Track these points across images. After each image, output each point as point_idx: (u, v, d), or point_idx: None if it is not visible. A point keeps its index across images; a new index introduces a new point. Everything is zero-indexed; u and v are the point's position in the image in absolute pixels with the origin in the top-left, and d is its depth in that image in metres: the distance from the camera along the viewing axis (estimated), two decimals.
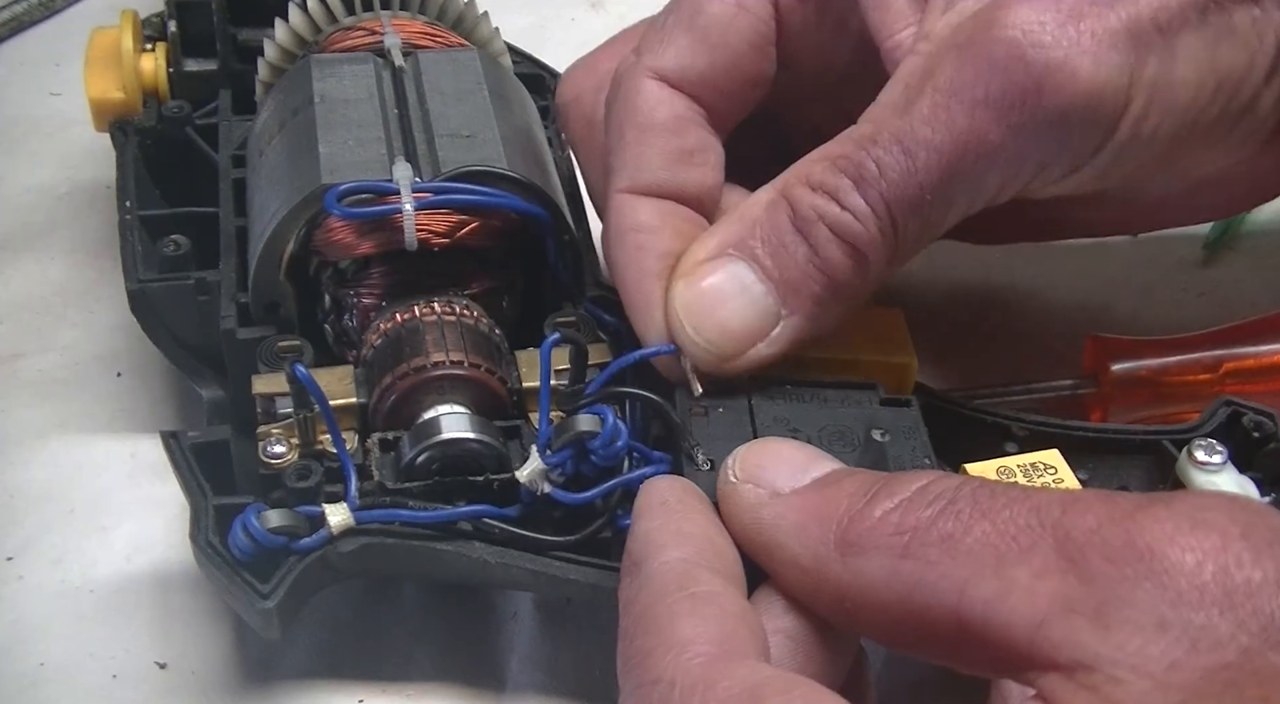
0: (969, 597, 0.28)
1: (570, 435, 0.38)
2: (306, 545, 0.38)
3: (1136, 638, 0.25)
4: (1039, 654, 0.27)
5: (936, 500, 0.30)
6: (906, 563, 0.29)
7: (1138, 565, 0.26)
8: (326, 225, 0.44)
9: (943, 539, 0.29)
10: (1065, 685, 0.26)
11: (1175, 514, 0.27)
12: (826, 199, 0.36)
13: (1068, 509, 0.28)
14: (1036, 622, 0.27)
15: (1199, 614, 0.25)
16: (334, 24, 0.53)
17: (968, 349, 0.55)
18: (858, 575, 0.30)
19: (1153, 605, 0.25)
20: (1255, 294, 0.58)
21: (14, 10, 0.74)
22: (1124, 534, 0.27)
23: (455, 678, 0.43)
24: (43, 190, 0.64)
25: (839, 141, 0.37)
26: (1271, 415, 0.43)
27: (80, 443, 0.51)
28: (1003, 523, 0.28)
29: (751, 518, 0.34)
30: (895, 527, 0.30)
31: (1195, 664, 0.25)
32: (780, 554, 0.33)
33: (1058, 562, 0.27)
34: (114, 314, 0.56)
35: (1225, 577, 0.25)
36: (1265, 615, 0.25)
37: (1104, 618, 0.26)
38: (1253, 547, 0.26)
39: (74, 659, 0.43)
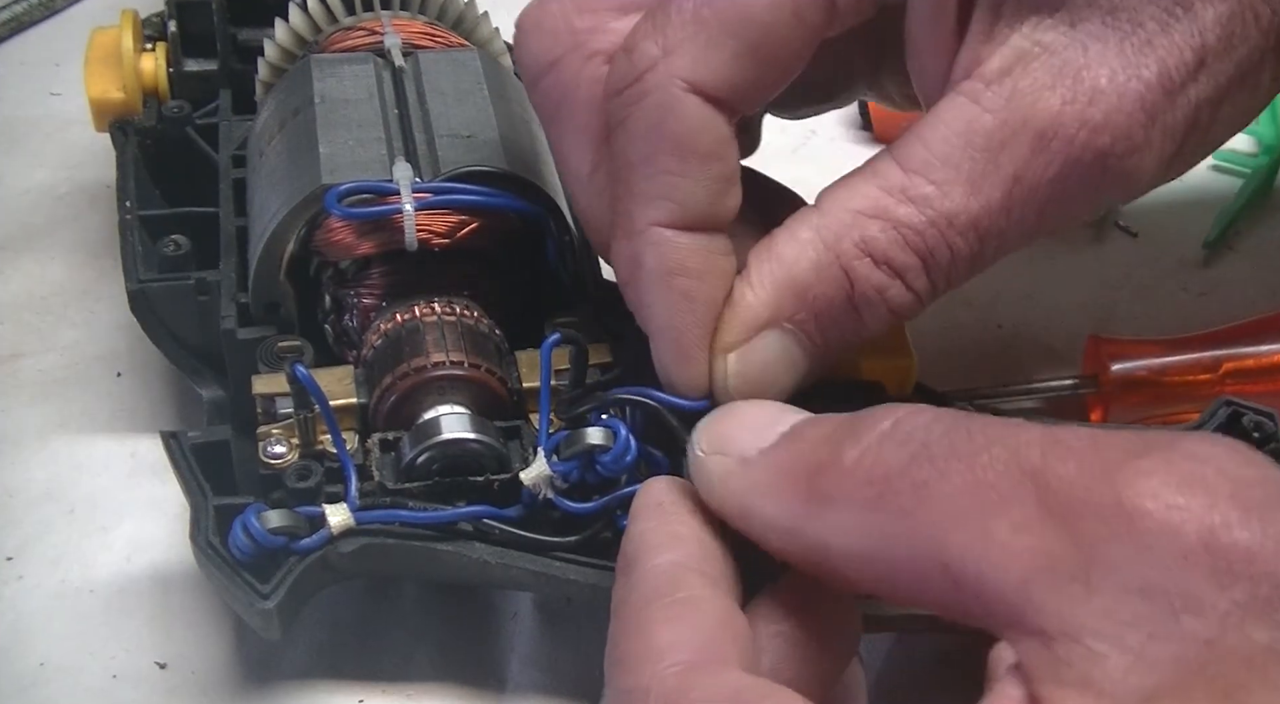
0: (946, 550, 0.27)
1: (582, 448, 0.38)
2: (306, 546, 0.38)
3: (1119, 604, 0.25)
4: (1019, 614, 0.26)
5: (907, 442, 0.29)
6: (879, 515, 0.28)
7: (1122, 525, 0.25)
8: (327, 225, 0.44)
9: (916, 487, 0.28)
10: (1043, 656, 0.25)
11: (1164, 466, 0.26)
12: (892, 279, 0.35)
13: (1048, 454, 0.27)
14: (1021, 580, 0.26)
15: (1182, 580, 0.24)
16: (334, 24, 0.53)
17: (968, 349, 0.55)
18: (834, 529, 0.30)
19: (1137, 569, 0.25)
20: (1255, 294, 0.58)
21: (14, 10, 0.74)
22: (1109, 490, 0.26)
23: (455, 678, 0.43)
24: (43, 190, 0.64)
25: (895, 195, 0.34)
26: (1271, 415, 0.43)
27: (80, 443, 0.51)
28: (980, 468, 0.27)
29: (723, 490, 0.33)
30: (865, 475, 0.29)
31: (1175, 634, 0.24)
32: (757, 520, 0.32)
33: (1038, 515, 0.26)
34: (114, 314, 0.56)
35: (1211, 540, 0.24)
36: (1249, 581, 0.24)
37: (1084, 580, 0.25)
38: (1241, 505, 0.25)
39: (74, 659, 0.43)
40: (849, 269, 0.35)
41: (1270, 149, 0.65)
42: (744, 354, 0.36)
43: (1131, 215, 0.63)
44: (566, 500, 0.39)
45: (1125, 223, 0.62)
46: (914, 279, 0.35)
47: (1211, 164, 0.66)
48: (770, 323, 0.36)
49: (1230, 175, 0.65)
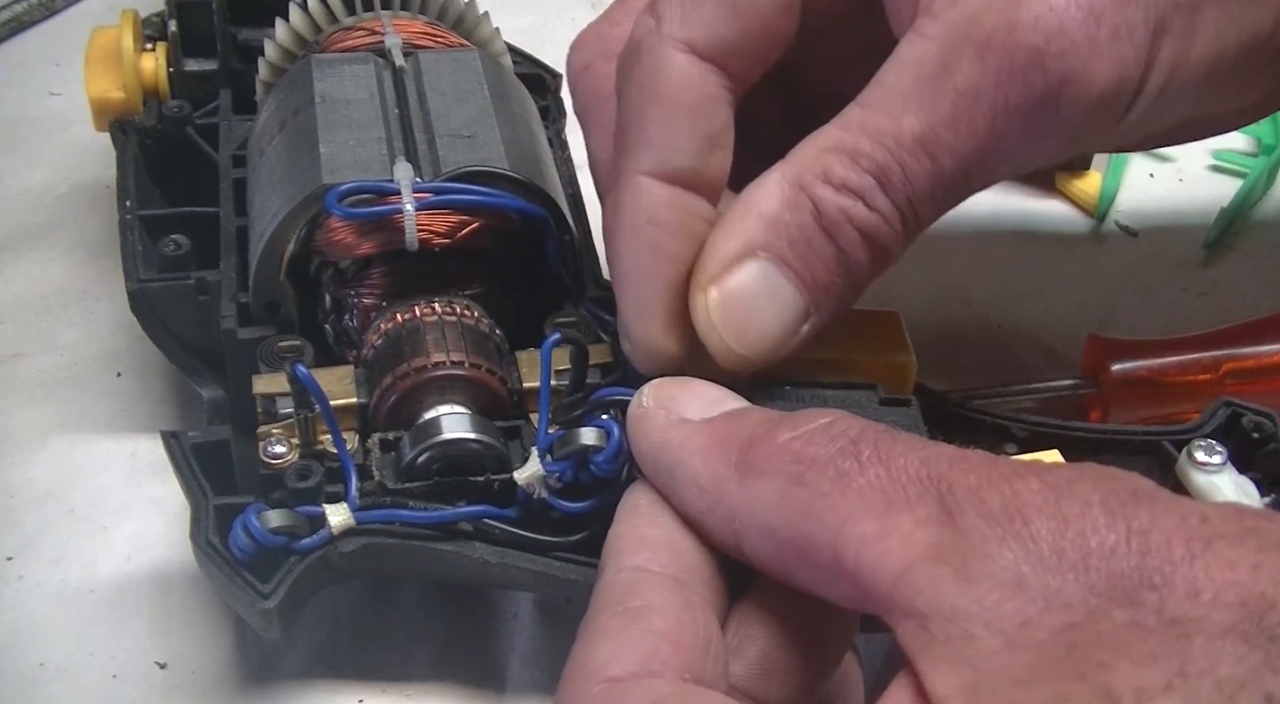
0: (847, 532, 0.29)
1: (574, 448, 0.38)
2: (307, 545, 0.38)
3: (994, 594, 0.26)
4: (900, 597, 0.28)
5: (838, 438, 0.31)
6: (798, 490, 0.30)
7: (1007, 526, 0.27)
8: (327, 225, 0.44)
9: (838, 475, 0.30)
10: (921, 636, 0.27)
11: (1046, 484, 0.28)
12: (853, 200, 0.36)
13: (954, 465, 0.29)
14: (905, 566, 0.28)
15: (1055, 578, 0.26)
16: (334, 24, 0.53)
17: (968, 349, 0.55)
18: (751, 495, 0.31)
19: (1014, 565, 0.27)
20: (1255, 294, 0.58)
21: (14, 10, 0.74)
22: (999, 495, 0.28)
23: (455, 678, 0.43)
24: (43, 190, 0.64)
25: (852, 131, 0.36)
26: (1271, 416, 0.43)
27: (80, 443, 0.51)
28: (896, 470, 0.29)
29: (659, 438, 0.35)
30: (795, 455, 0.31)
31: (1046, 623, 0.26)
32: (681, 472, 0.34)
33: (938, 513, 0.28)
34: (114, 314, 0.56)
35: (1081, 541, 0.26)
36: (1115, 575, 0.26)
37: (966, 571, 0.27)
38: (1108, 511, 0.27)
39: (74, 659, 0.43)
40: (811, 194, 0.36)
41: (1270, 149, 0.65)
42: (724, 284, 0.37)
43: (1131, 215, 0.63)
44: (561, 500, 0.39)
45: (1125, 223, 0.62)
46: (874, 198, 0.35)
47: (1211, 164, 0.66)
48: (743, 253, 0.36)
49: (1230, 175, 0.65)
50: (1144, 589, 0.25)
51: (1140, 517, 0.26)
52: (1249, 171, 0.64)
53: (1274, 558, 0.25)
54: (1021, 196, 0.64)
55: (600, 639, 0.31)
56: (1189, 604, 0.25)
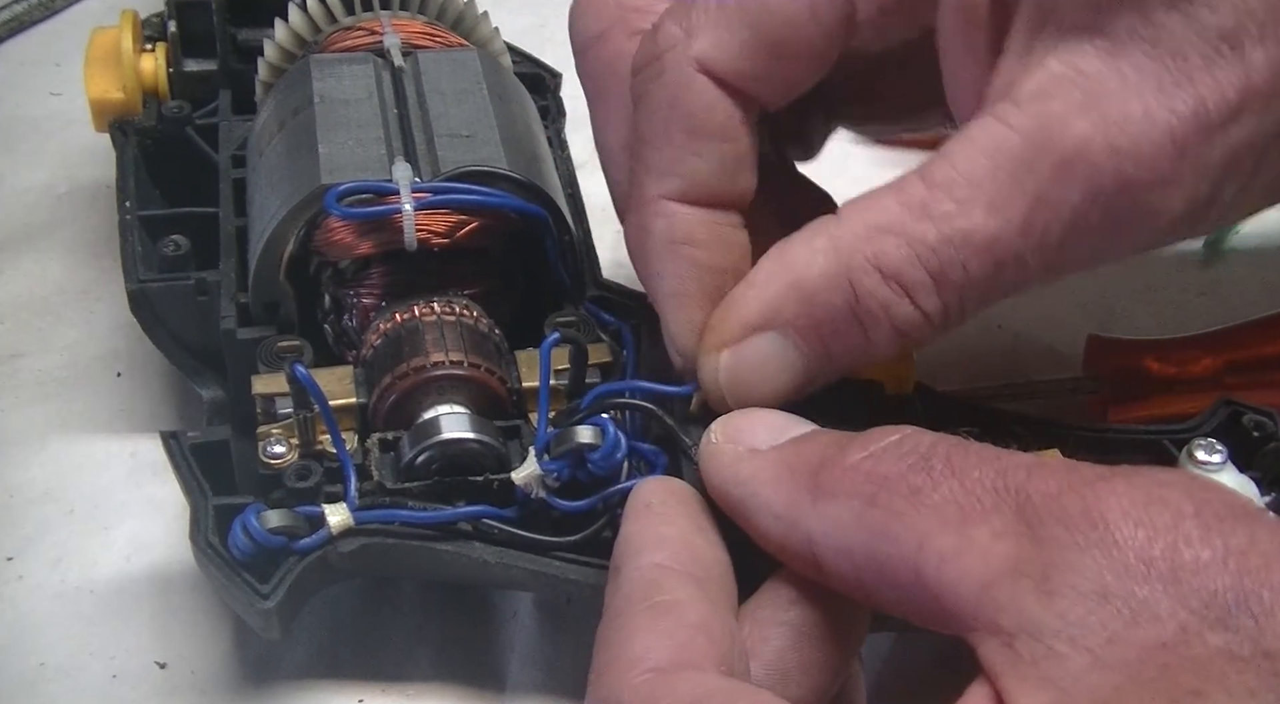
0: (927, 550, 0.28)
1: (570, 446, 0.38)
2: (306, 545, 0.38)
3: (1079, 606, 0.26)
4: (983, 614, 0.27)
5: (909, 454, 0.30)
6: (874, 511, 0.30)
7: (1090, 533, 0.26)
8: (326, 225, 0.44)
9: (911, 492, 0.29)
10: (1004, 654, 0.26)
11: (1133, 488, 0.27)
12: (899, 295, 0.34)
13: (1032, 474, 0.28)
14: (986, 582, 0.27)
15: (1143, 588, 0.25)
16: (334, 24, 0.53)
17: (968, 349, 0.55)
18: (826, 520, 0.31)
19: (1098, 574, 0.26)
20: (1255, 294, 0.58)
21: (14, 10, 0.74)
22: (1080, 501, 0.27)
23: (455, 678, 0.43)
24: (43, 190, 0.64)
25: (914, 211, 0.33)
26: (1271, 415, 0.43)
27: (80, 443, 0.51)
28: (970, 483, 0.29)
29: (730, 473, 0.34)
30: (866, 475, 0.31)
31: (1134, 639, 0.25)
32: (755, 503, 0.33)
33: (1016, 524, 0.27)
34: (114, 314, 0.56)
35: (1173, 553, 0.26)
36: (1207, 593, 0.25)
37: (1049, 582, 0.26)
38: (1203, 525, 0.26)
39: (74, 659, 0.43)
40: (855, 282, 0.34)
41: None
42: (736, 352, 0.36)
43: None
44: (559, 499, 0.39)
45: None
46: (924, 298, 0.34)
47: None
48: (766, 324, 0.35)
49: None
50: (1240, 613, 0.24)
51: (1238, 534, 0.26)
52: None
53: None
54: None
55: (635, 632, 0.31)
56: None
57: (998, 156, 0.33)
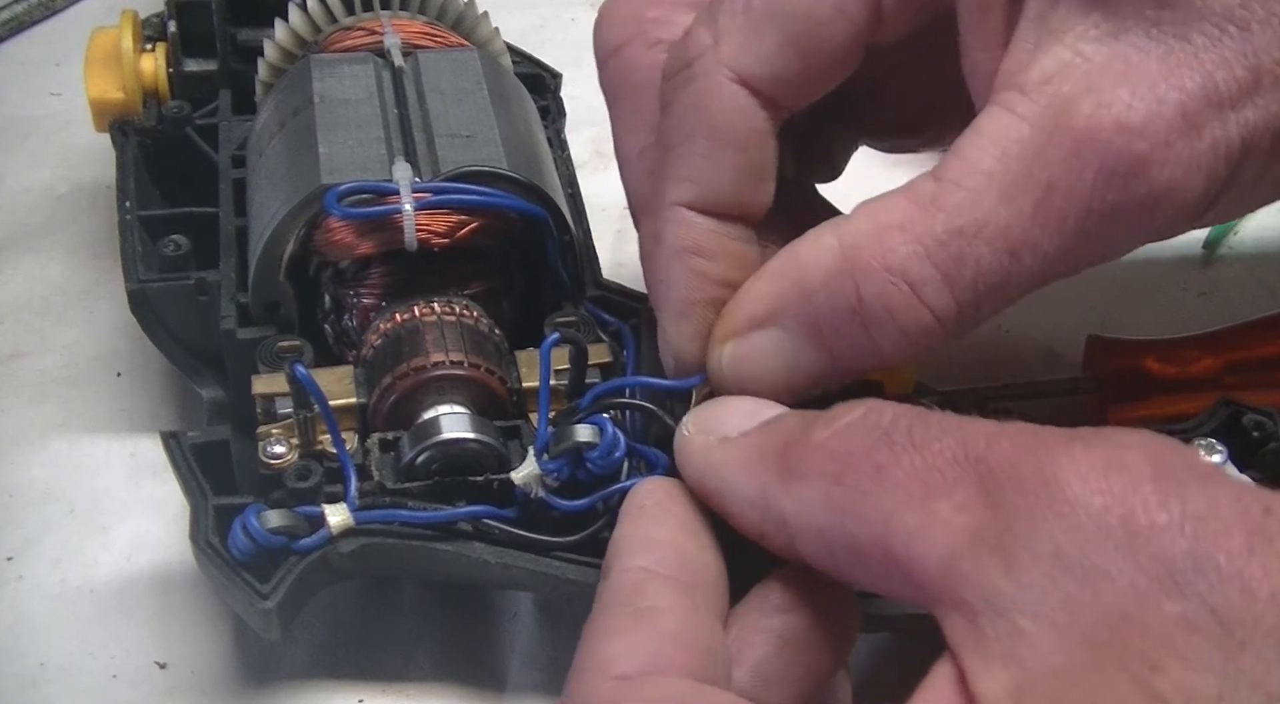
0: (894, 527, 0.28)
1: (569, 445, 0.38)
2: (306, 545, 0.38)
3: (1037, 573, 0.25)
4: (948, 588, 0.27)
5: (871, 430, 0.30)
6: (840, 490, 0.30)
7: (1046, 499, 0.26)
8: (326, 225, 0.44)
9: (875, 469, 0.29)
10: (969, 631, 0.26)
11: (1091, 452, 0.27)
12: (905, 293, 0.33)
13: (992, 442, 0.28)
14: (950, 555, 0.27)
15: (1099, 555, 0.25)
16: (334, 24, 0.53)
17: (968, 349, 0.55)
18: (797, 500, 0.31)
19: (1054, 541, 0.26)
20: (1255, 294, 0.58)
21: (14, 10, 0.74)
22: (1037, 467, 0.27)
23: (455, 678, 0.43)
24: (43, 190, 0.64)
25: (924, 206, 0.33)
26: (1271, 415, 0.43)
27: (80, 443, 0.51)
28: (932, 455, 0.29)
29: (702, 462, 0.34)
30: (831, 454, 0.31)
31: (1092, 608, 0.25)
32: (729, 490, 0.33)
33: (977, 495, 0.27)
34: (114, 314, 0.56)
35: (1130, 519, 0.25)
36: (1165, 558, 0.25)
37: (1008, 550, 0.26)
38: (1161, 489, 0.26)
39: (74, 659, 0.43)
40: (859, 281, 0.33)
41: None
42: (739, 345, 0.36)
43: None
44: (558, 498, 0.39)
45: None
46: (933, 295, 0.33)
47: None
48: (769, 319, 0.35)
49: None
50: (1197, 579, 0.24)
51: (1197, 499, 0.25)
52: None
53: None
54: None
55: (609, 637, 0.31)
56: (1244, 603, 0.24)
57: (1007, 145, 0.33)
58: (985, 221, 0.32)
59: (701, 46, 0.37)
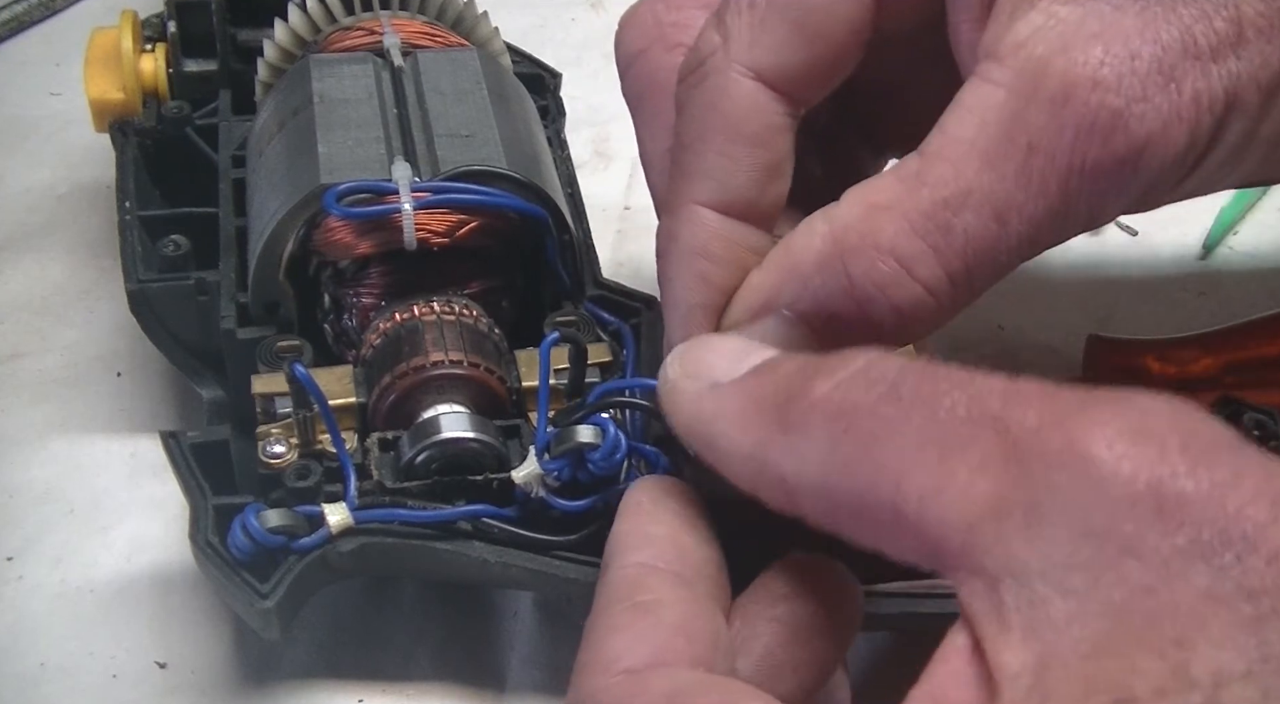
0: (905, 487, 0.27)
1: (571, 446, 0.38)
2: (306, 545, 0.38)
3: (1064, 545, 0.25)
4: (968, 555, 0.26)
5: (877, 382, 0.29)
6: (845, 447, 0.29)
7: (1074, 469, 0.25)
8: (326, 225, 0.44)
9: (883, 424, 0.28)
10: (988, 600, 0.26)
11: (1117, 418, 0.26)
12: (896, 270, 0.33)
13: (1008, 401, 0.27)
14: (969, 521, 0.26)
15: (1128, 524, 0.25)
16: (333, 24, 0.53)
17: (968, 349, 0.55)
18: (797, 456, 0.30)
19: (1084, 512, 0.25)
20: (1255, 294, 0.58)
21: (14, 10, 0.74)
22: (1063, 435, 0.26)
23: (455, 678, 0.43)
24: (43, 190, 0.64)
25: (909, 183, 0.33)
26: (1271, 415, 0.43)
27: (80, 443, 0.51)
28: (944, 412, 0.28)
29: (693, 411, 0.33)
30: (836, 407, 0.29)
31: (1119, 579, 0.24)
32: (723, 443, 0.32)
33: (996, 459, 0.26)
34: (114, 314, 0.56)
35: (1159, 488, 0.25)
36: (1193, 528, 0.24)
37: (1034, 521, 0.25)
38: (1190, 458, 0.25)
39: (74, 659, 0.43)
40: (849, 263, 0.33)
41: None
42: (743, 333, 0.36)
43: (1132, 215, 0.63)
44: (558, 498, 0.39)
45: (1125, 222, 0.62)
46: (924, 270, 0.33)
47: None
48: (766, 308, 0.35)
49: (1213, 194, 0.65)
50: (1224, 550, 0.24)
51: (1224, 468, 0.25)
52: None
53: None
54: None
55: (613, 632, 0.31)
56: (1269, 571, 0.24)
57: (985, 113, 0.33)
58: (969, 190, 0.32)
59: (711, 45, 0.37)
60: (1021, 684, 0.25)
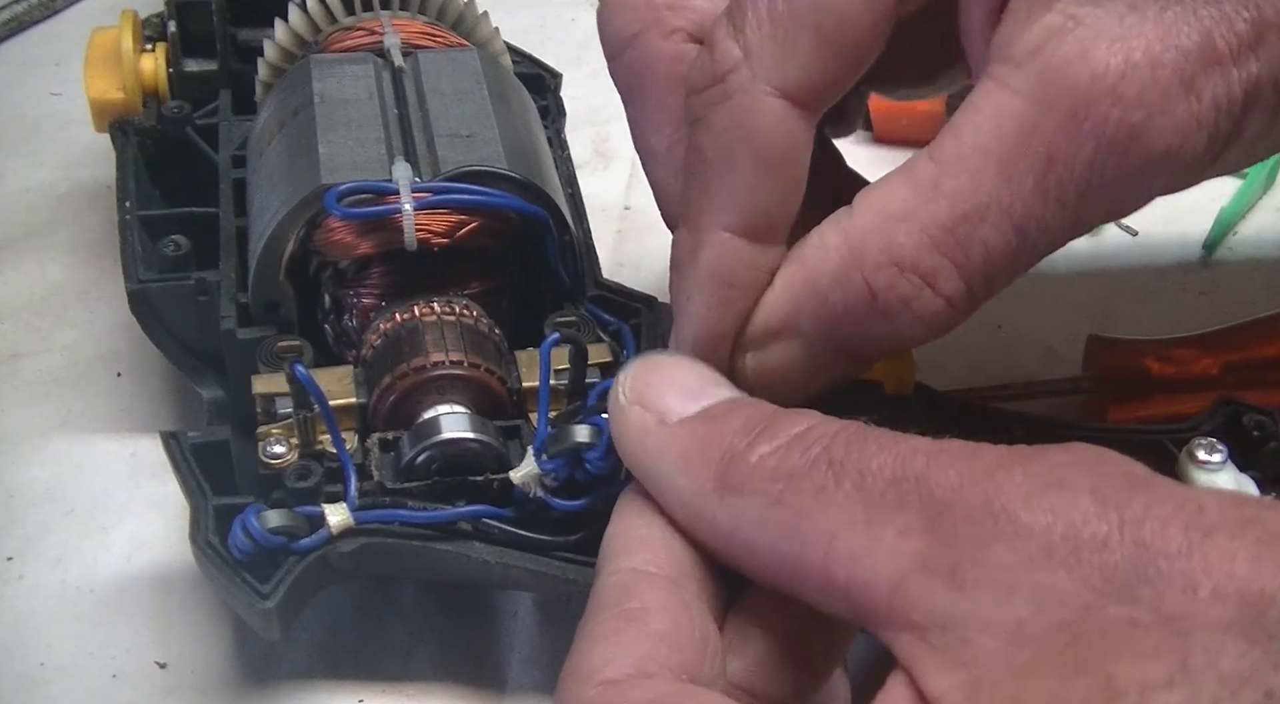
0: (836, 549, 0.28)
1: (567, 446, 0.38)
2: (306, 545, 0.38)
3: (988, 598, 0.26)
4: (896, 613, 0.27)
5: (813, 447, 0.30)
6: (780, 510, 0.30)
7: (993, 527, 0.26)
8: (326, 225, 0.44)
9: (816, 490, 0.29)
10: (918, 647, 0.26)
11: (1031, 476, 0.27)
12: (919, 285, 0.32)
13: (931, 462, 0.28)
14: (896, 580, 0.27)
15: (1046, 574, 0.25)
16: (334, 24, 0.53)
17: (968, 349, 0.55)
18: (734, 517, 0.31)
19: (1005, 566, 0.26)
20: (1255, 294, 0.58)
21: (14, 10, 0.74)
22: (981, 494, 0.27)
23: (455, 678, 0.43)
24: (43, 190, 0.64)
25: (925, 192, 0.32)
26: (1271, 415, 0.43)
27: (80, 443, 0.51)
28: (871, 476, 0.28)
29: (638, 443, 0.34)
30: (772, 472, 0.30)
31: (1041, 621, 0.25)
32: (664, 483, 0.33)
33: (921, 520, 0.27)
34: (114, 314, 0.56)
35: (1074, 534, 0.26)
36: (1109, 568, 0.25)
37: (958, 577, 0.26)
38: (1100, 500, 0.26)
39: (74, 659, 0.43)
40: (871, 280, 0.33)
41: None
42: (760, 356, 0.36)
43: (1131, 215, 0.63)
44: (556, 498, 0.39)
45: (1125, 223, 0.62)
46: (946, 283, 0.32)
47: None
48: (786, 326, 0.35)
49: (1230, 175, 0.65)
50: (1140, 584, 0.25)
51: (1133, 505, 0.26)
52: (1249, 172, 0.64)
53: (1274, 550, 0.24)
54: None
55: (596, 642, 0.31)
56: (1186, 600, 0.24)
57: (1002, 121, 0.32)
58: (988, 204, 0.32)
59: (732, 59, 0.35)
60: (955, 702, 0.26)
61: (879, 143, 0.66)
